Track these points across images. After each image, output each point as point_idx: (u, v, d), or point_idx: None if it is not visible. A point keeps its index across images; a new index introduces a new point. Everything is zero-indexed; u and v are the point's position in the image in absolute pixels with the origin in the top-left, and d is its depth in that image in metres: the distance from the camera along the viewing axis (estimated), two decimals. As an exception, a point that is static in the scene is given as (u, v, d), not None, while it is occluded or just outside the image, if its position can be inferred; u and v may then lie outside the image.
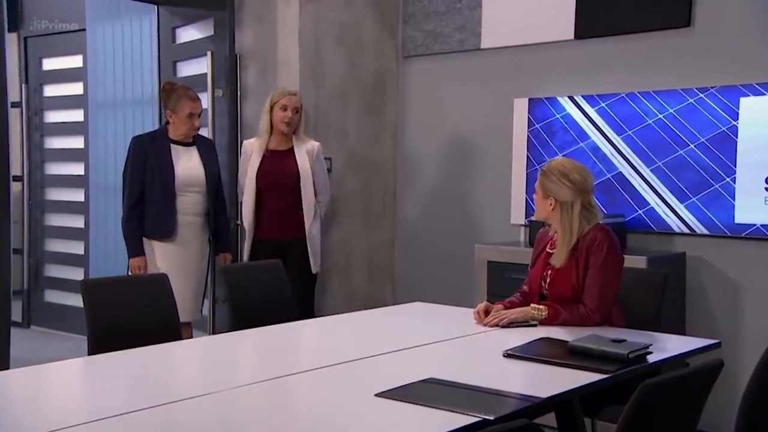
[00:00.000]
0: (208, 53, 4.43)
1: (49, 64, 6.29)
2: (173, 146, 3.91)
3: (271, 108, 4.09)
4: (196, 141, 4.01)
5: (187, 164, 3.93)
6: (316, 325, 3.12)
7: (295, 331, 2.96)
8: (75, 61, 6.05)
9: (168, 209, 3.85)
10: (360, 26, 4.92)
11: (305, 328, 3.03)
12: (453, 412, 1.89)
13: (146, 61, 5.37)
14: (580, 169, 2.95)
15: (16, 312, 6.35)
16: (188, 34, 4.75)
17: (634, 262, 3.72)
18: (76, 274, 6.03)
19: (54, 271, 6.34)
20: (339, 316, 3.24)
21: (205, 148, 4.04)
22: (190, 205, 3.92)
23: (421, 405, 1.94)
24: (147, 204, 3.87)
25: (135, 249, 3.87)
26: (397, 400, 1.98)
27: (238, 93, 4.65)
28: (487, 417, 1.86)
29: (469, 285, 4.44)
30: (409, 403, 1.96)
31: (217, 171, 4.07)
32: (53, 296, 6.27)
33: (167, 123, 3.95)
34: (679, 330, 3.94)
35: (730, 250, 3.91)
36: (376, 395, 2.00)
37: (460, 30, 4.82)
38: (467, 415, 1.86)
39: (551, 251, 2.98)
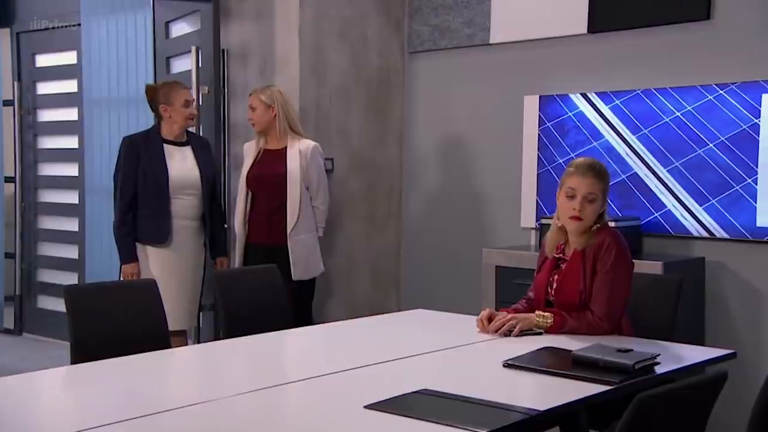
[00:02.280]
0: (193, 48, 4.43)
1: (43, 60, 6.34)
2: (166, 146, 3.91)
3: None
4: (190, 140, 4.01)
5: (182, 165, 3.93)
6: (310, 333, 3.13)
7: (288, 339, 2.96)
8: (69, 58, 6.09)
9: (162, 213, 3.85)
10: (364, 21, 4.92)
11: (298, 337, 3.03)
12: (443, 425, 1.88)
13: (142, 58, 5.39)
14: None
15: (8, 319, 6.42)
16: (179, 28, 4.77)
17: (650, 267, 3.71)
18: (70, 280, 6.07)
19: (47, 276, 6.38)
20: (334, 323, 3.25)
21: (200, 148, 4.04)
22: (184, 208, 3.92)
23: (410, 417, 1.94)
24: (140, 207, 3.87)
25: (128, 255, 3.88)
26: (386, 412, 1.97)
27: (225, 90, 4.63)
28: (479, 431, 1.85)
29: (477, 291, 4.44)
30: (398, 415, 1.96)
31: (212, 172, 4.08)
32: (46, 302, 6.31)
33: (158, 122, 3.95)
34: (698, 339, 3.92)
35: (751, 255, 3.88)
36: (365, 407, 2.00)
37: (468, 24, 4.82)
38: (458, 428, 1.86)
39: (558, 256, 2.97)
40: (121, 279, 3.89)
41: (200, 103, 4.47)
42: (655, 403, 1.59)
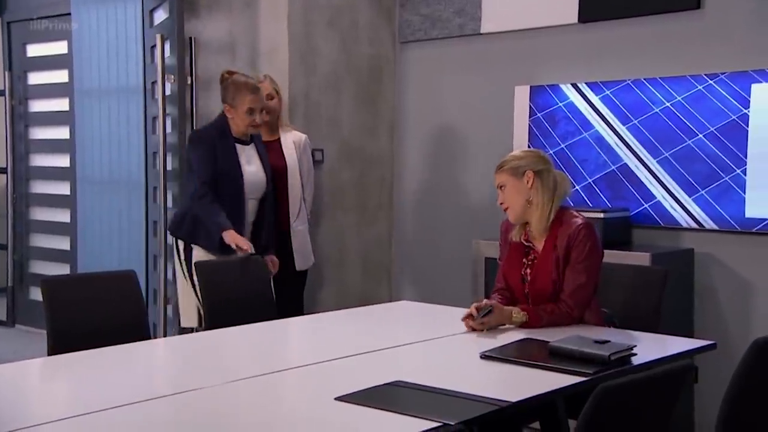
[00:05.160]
0: (158, 36, 4.42)
1: (34, 50, 6.35)
2: (237, 146, 3.70)
3: None
4: (252, 138, 3.82)
5: (251, 167, 3.74)
6: (289, 325, 3.14)
7: (266, 331, 2.97)
8: (60, 48, 6.10)
9: (238, 219, 3.61)
10: (354, 10, 4.92)
11: (277, 328, 3.04)
12: (412, 416, 1.90)
13: (132, 47, 5.40)
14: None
15: (1, 310, 6.46)
16: (158, 16, 4.77)
17: (638, 258, 3.73)
18: (63, 271, 6.09)
19: (40, 267, 6.40)
20: (315, 315, 3.26)
21: (261, 146, 3.86)
22: (249, 213, 3.74)
23: (380, 409, 1.96)
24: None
25: (223, 222, 3.52)
26: (356, 404, 1.99)
27: (192, 81, 4.58)
28: (448, 422, 1.87)
29: (468, 282, 4.46)
30: (368, 407, 1.97)
31: (270, 171, 3.88)
32: (39, 294, 6.28)
33: (223, 116, 3.74)
34: (687, 330, 3.93)
35: (740, 246, 3.89)
36: (336, 399, 2.02)
37: (459, 14, 4.82)
38: (427, 419, 1.87)
39: (528, 243, 2.98)
40: (234, 248, 3.46)
41: (168, 93, 4.45)
42: (617, 393, 1.61)
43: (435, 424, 1.85)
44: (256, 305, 3.23)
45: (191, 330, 3.92)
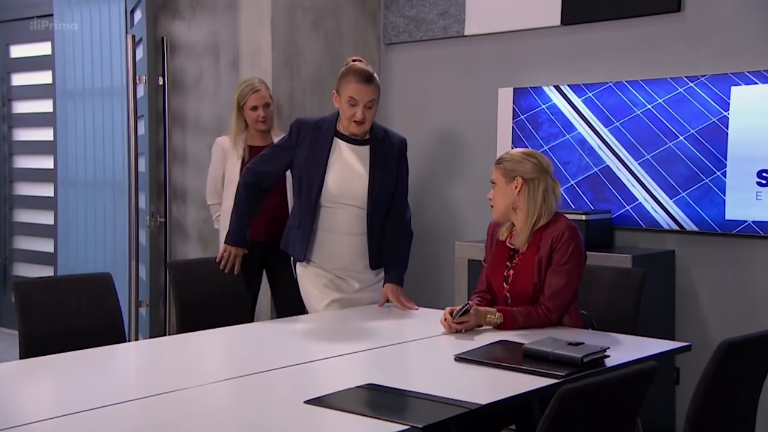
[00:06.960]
0: (129, 37, 4.41)
1: (17, 51, 6.34)
2: (336, 140, 3.28)
3: (242, 107, 4.11)
4: (372, 138, 3.33)
5: (346, 170, 3.28)
6: (264, 328, 3.14)
7: (240, 333, 2.96)
8: (43, 49, 6.10)
9: (305, 226, 3.29)
10: (338, 12, 4.93)
11: (248, 332, 3.03)
12: (380, 419, 1.91)
13: (116, 48, 5.41)
14: (539, 153, 3.05)
15: (-16, 313, 6.46)
16: (135, 16, 4.78)
17: (619, 260, 3.76)
18: (47, 273, 6.09)
19: (23, 270, 6.40)
20: (291, 318, 3.26)
21: (386, 151, 3.36)
22: (341, 220, 3.30)
23: (349, 412, 1.97)
24: (291, 215, 3.47)
25: (231, 236, 3.35)
26: (326, 407, 2.00)
27: (164, 82, 4.57)
28: (415, 425, 1.88)
29: (451, 284, 4.47)
30: (338, 410, 1.98)
31: (393, 181, 3.38)
32: (22, 296, 6.32)
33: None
34: (669, 332, 3.96)
35: (720, 248, 3.92)
36: (305, 402, 2.03)
37: (444, 16, 4.83)
38: (395, 422, 1.89)
39: (512, 245, 2.99)
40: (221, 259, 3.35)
41: (141, 94, 4.42)
42: (578, 396, 1.62)
43: (403, 427, 1.86)
44: (231, 307, 3.23)
45: None
